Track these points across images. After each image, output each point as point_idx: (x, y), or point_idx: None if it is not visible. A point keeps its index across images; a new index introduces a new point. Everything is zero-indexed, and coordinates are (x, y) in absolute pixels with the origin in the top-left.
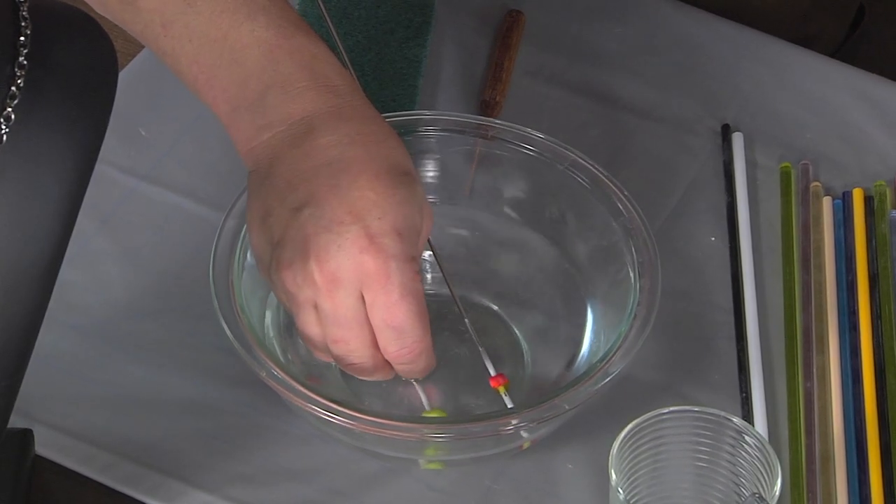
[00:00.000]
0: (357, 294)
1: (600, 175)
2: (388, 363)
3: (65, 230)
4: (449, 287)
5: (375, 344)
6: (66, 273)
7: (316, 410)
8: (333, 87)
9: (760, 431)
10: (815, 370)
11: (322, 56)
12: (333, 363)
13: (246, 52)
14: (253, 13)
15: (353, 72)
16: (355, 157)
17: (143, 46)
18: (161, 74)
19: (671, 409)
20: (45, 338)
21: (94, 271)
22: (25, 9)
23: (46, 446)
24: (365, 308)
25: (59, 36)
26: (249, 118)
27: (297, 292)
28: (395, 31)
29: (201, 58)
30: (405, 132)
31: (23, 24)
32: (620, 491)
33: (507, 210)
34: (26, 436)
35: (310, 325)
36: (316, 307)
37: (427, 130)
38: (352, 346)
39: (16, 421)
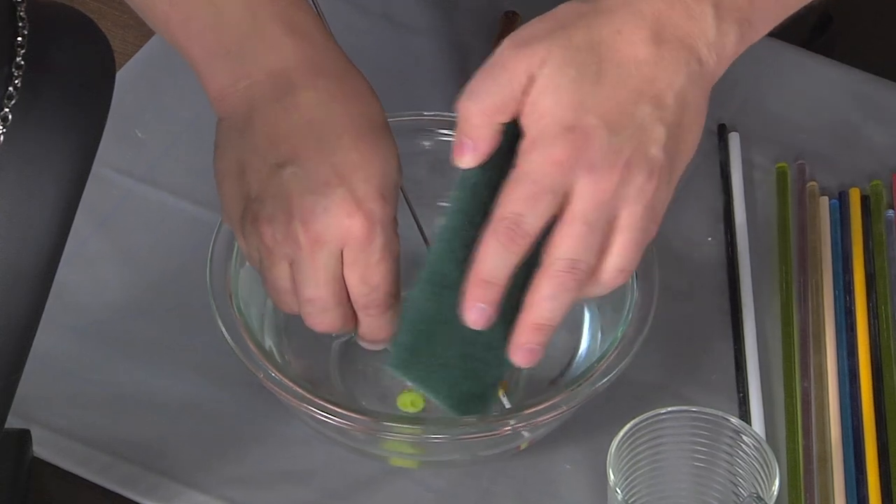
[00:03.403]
0: (338, 254)
1: None
2: (353, 318)
3: (61, 231)
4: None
5: (346, 301)
6: (63, 274)
7: (313, 412)
8: (310, 37)
9: (758, 431)
10: (812, 370)
11: (298, 4)
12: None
13: None
14: None
15: (325, 19)
16: (337, 115)
17: (139, 47)
18: (157, 75)
19: (669, 409)
20: (43, 339)
21: (91, 272)
22: (23, 9)
23: (44, 447)
24: (342, 266)
25: (57, 37)
26: (226, 65)
27: (274, 248)
28: None
29: None
30: (403, 133)
31: (20, 24)
32: (619, 491)
33: None
34: (24, 437)
35: (282, 279)
36: (291, 263)
37: (426, 131)
38: (326, 305)
39: (13, 422)
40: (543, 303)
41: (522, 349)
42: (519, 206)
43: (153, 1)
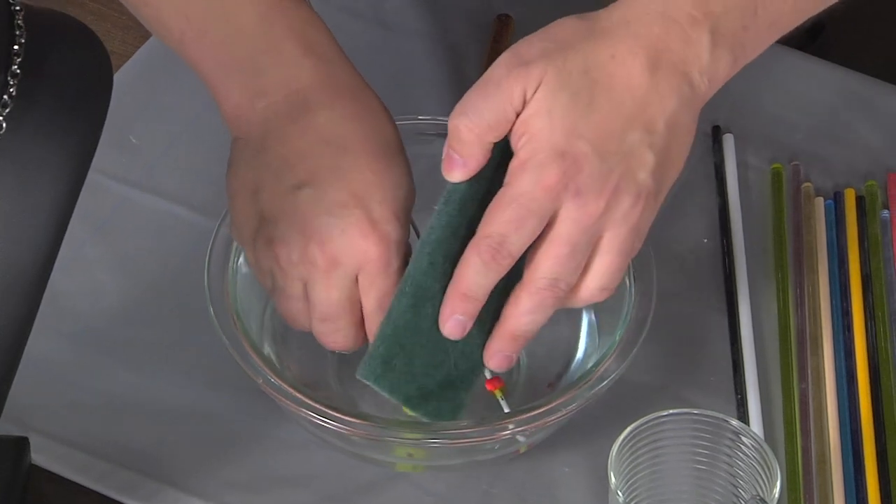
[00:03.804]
0: (353, 277)
1: None
2: (365, 336)
3: (56, 238)
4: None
5: (361, 323)
6: (59, 281)
7: (311, 416)
8: (325, 56)
9: (757, 433)
10: (809, 371)
11: (313, 21)
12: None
13: (240, 11)
14: None
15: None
16: (352, 135)
17: (138, 48)
18: (151, 79)
19: (670, 411)
20: (40, 345)
21: (87, 279)
22: (21, 17)
23: (42, 454)
24: (357, 289)
25: (54, 45)
26: (241, 81)
27: (289, 269)
28: None
29: (191, 13)
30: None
31: (17, 32)
32: (620, 494)
33: None
34: (22, 444)
35: (295, 299)
36: (305, 284)
37: (422, 135)
38: (339, 325)
39: (11, 429)
40: (522, 317)
41: (498, 356)
42: (504, 227)
43: (168, 19)
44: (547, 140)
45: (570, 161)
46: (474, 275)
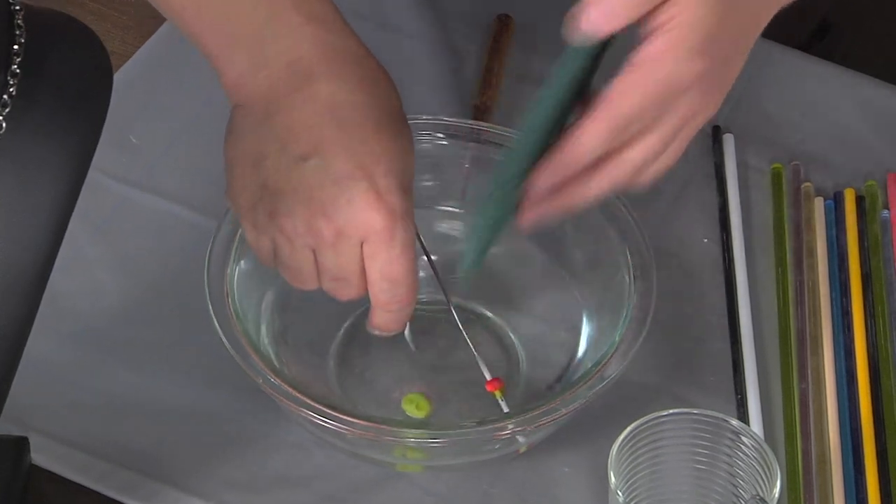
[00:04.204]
0: (359, 246)
1: None
2: None
3: (55, 238)
4: (444, 292)
5: (365, 283)
6: (59, 281)
7: (311, 416)
8: (328, 24)
9: (756, 433)
10: (809, 371)
11: None
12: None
13: None
14: None
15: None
16: (357, 104)
17: (138, 48)
18: (150, 79)
19: (670, 411)
20: (40, 345)
21: (87, 279)
22: (20, 17)
23: (42, 454)
24: (362, 257)
25: (54, 44)
26: (242, 52)
27: (295, 239)
28: None
29: None
30: None
31: (17, 32)
32: (620, 494)
33: None
34: (22, 444)
35: (305, 262)
36: (313, 251)
37: (421, 135)
38: (347, 283)
39: (11, 429)
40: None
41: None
42: (634, 104)
43: None
44: (694, 32)
45: (709, 62)
46: (588, 140)
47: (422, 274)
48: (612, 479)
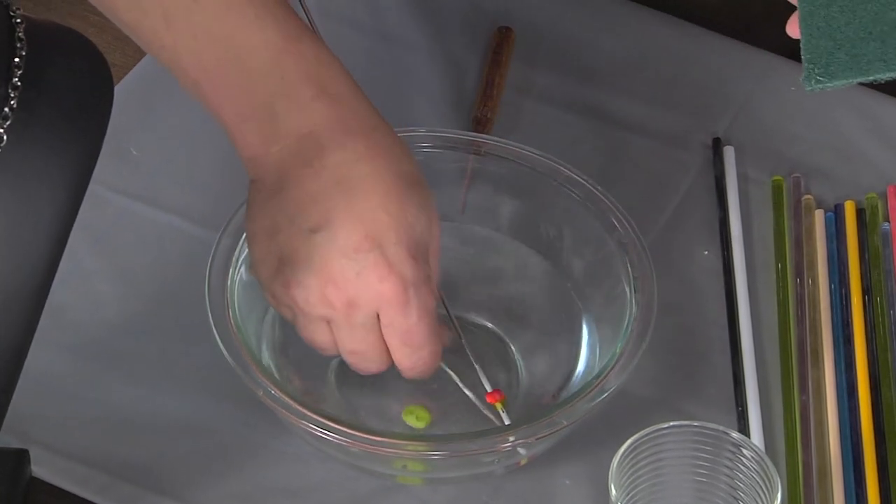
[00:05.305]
0: (374, 315)
1: (594, 190)
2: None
3: (56, 251)
4: (444, 304)
5: (387, 351)
6: (59, 293)
7: (312, 428)
8: (339, 96)
9: (757, 446)
10: (810, 384)
11: (326, 60)
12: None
13: (253, 54)
14: (261, 14)
15: (319, 34)
16: (365, 174)
17: (139, 60)
18: (151, 91)
19: (670, 424)
20: (40, 358)
21: (88, 291)
22: (21, 30)
23: (42, 467)
24: (379, 324)
25: (54, 57)
26: (256, 127)
27: (309, 310)
28: None
29: (204, 56)
30: None
31: (18, 45)
32: None
33: (501, 226)
34: (22, 456)
35: (320, 333)
36: (328, 322)
37: (420, 147)
38: (367, 356)
39: (11, 441)
40: None
41: None
42: None
43: (184, 63)
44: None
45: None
46: None
47: None
48: (613, 491)
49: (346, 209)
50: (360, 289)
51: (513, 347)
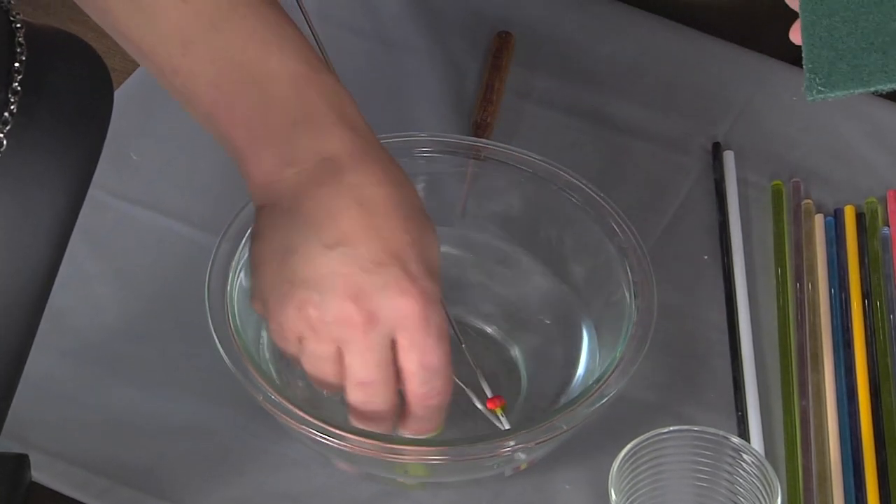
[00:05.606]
0: (390, 336)
1: (594, 195)
2: (398, 408)
3: (56, 255)
4: (444, 309)
5: (396, 388)
6: (59, 298)
7: (312, 433)
8: (357, 128)
9: (757, 450)
10: (810, 388)
11: (342, 93)
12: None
13: (274, 82)
14: (283, 44)
15: (319, 39)
16: (384, 198)
17: (135, 68)
18: (150, 96)
19: (671, 428)
20: (40, 363)
21: (87, 295)
22: (22, 34)
23: (42, 472)
24: (392, 353)
25: (55, 62)
26: (273, 151)
27: (322, 330)
28: None
29: (223, 81)
30: (399, 154)
31: (18, 50)
32: None
33: (501, 231)
34: (22, 461)
35: (329, 363)
36: (339, 347)
37: (420, 152)
38: (376, 390)
39: (11, 446)
40: None
41: None
42: None
43: (199, 88)
44: None
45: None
46: None
47: None
48: (613, 496)
49: (367, 226)
50: (382, 303)
51: (512, 352)
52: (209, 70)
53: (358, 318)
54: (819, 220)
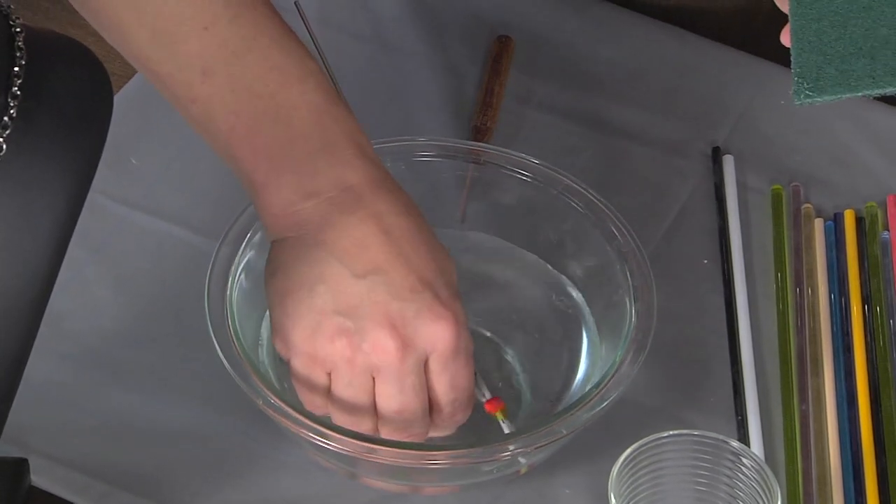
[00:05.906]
0: (423, 361)
1: (593, 199)
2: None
3: (55, 260)
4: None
5: (428, 412)
6: (58, 302)
7: (311, 437)
8: (374, 160)
9: (757, 454)
10: (810, 392)
11: (358, 126)
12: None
13: (294, 112)
14: (303, 76)
15: (318, 43)
16: (407, 227)
17: (134, 72)
18: (150, 101)
19: (670, 433)
20: (39, 367)
21: (87, 300)
22: (21, 39)
23: (42, 476)
24: (424, 378)
25: (54, 66)
26: (294, 180)
27: (357, 359)
28: None
29: (242, 110)
30: (398, 158)
31: (17, 54)
32: None
33: (501, 235)
34: (21, 466)
35: (363, 393)
36: (374, 377)
37: (420, 156)
38: (414, 414)
39: (10, 451)
40: None
41: None
42: None
43: (217, 115)
44: None
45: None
46: None
47: None
48: (613, 500)
49: (396, 255)
50: (417, 328)
51: (512, 356)
52: (228, 98)
53: (393, 344)
54: (819, 224)
